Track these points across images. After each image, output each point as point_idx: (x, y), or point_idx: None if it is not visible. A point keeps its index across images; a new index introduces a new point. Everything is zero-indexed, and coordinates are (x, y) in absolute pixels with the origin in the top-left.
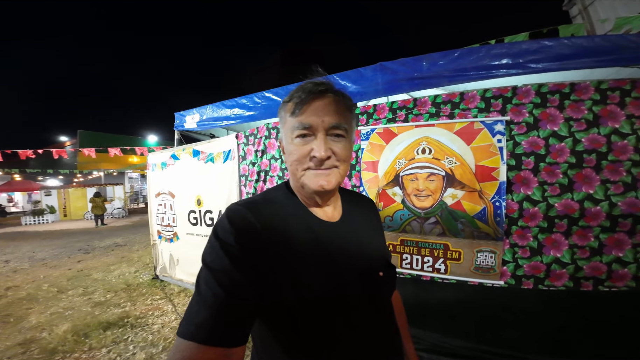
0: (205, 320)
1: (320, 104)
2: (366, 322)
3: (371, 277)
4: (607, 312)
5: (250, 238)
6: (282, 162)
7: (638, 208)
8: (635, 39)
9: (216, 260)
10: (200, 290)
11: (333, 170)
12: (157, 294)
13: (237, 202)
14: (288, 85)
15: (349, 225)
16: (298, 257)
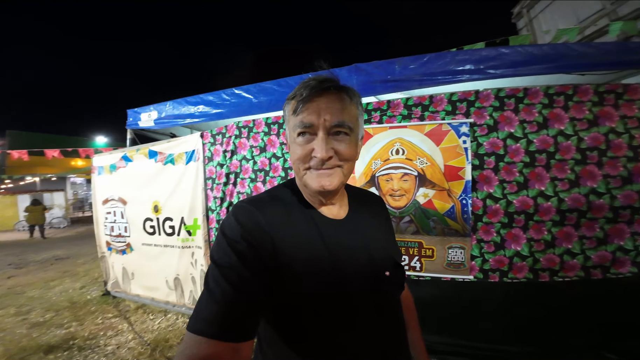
0: (214, 315)
1: (323, 102)
2: (370, 320)
3: (377, 276)
4: (562, 300)
5: (256, 235)
6: (254, 163)
7: (581, 203)
8: (577, 48)
9: (224, 257)
10: (209, 287)
11: (336, 170)
12: (110, 312)
13: (244, 200)
14: (261, 82)
15: (355, 224)
16: (303, 254)
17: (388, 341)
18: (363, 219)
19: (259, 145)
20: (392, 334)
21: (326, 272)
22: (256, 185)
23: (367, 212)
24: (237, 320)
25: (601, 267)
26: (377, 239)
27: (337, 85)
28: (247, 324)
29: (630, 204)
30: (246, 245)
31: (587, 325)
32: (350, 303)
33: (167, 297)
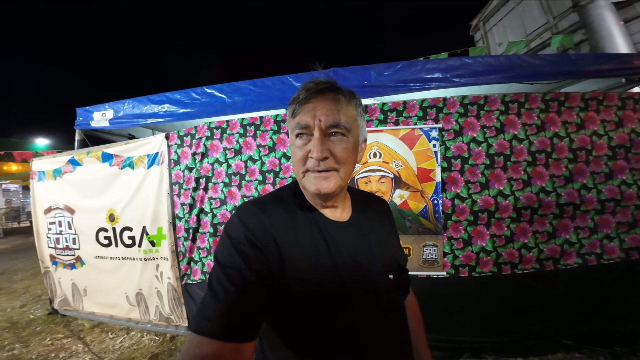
0: (217, 315)
1: (319, 103)
2: (373, 324)
3: (380, 278)
4: (522, 291)
5: (260, 236)
6: (228, 166)
7: (533, 201)
8: (527, 59)
9: (228, 258)
10: (212, 287)
11: (332, 174)
12: (60, 332)
13: (248, 201)
14: (235, 82)
15: (358, 226)
16: (306, 256)
17: (391, 346)
18: (367, 222)
19: (234, 147)
20: (395, 338)
21: (329, 274)
22: (231, 190)
23: (371, 214)
24: (241, 320)
25: (552, 259)
26: (381, 241)
27: (333, 86)
28: (250, 325)
29: (572, 201)
30: (250, 246)
31: (545, 314)
32: (353, 306)
33: (129, 313)
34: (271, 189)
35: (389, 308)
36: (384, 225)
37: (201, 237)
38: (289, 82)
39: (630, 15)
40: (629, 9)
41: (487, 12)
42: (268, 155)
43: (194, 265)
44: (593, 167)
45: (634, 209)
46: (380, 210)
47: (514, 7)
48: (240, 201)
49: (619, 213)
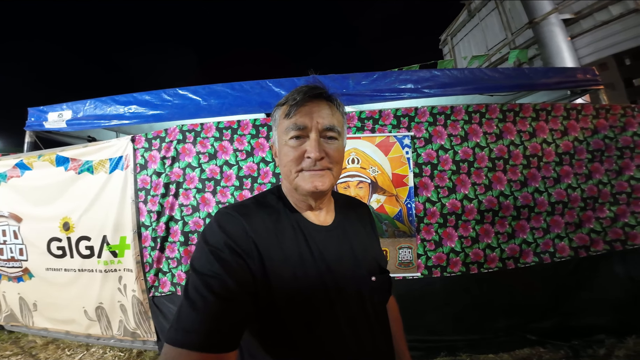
0: (195, 325)
1: (315, 106)
2: (356, 326)
3: (363, 281)
4: (488, 289)
5: (240, 242)
6: (201, 171)
7: (494, 204)
8: (488, 73)
9: (205, 265)
10: (189, 296)
11: (326, 172)
12: (8, 349)
13: (227, 206)
14: (212, 84)
15: (342, 230)
16: (289, 260)
17: (373, 347)
18: (349, 225)
19: (208, 151)
20: (377, 339)
21: (313, 280)
22: (204, 196)
23: (353, 217)
24: (221, 329)
25: (513, 258)
26: (363, 244)
27: (327, 93)
28: (231, 334)
29: (527, 204)
30: (230, 252)
31: (510, 311)
32: (337, 311)
33: (88, 329)
34: (249, 195)
35: (372, 310)
36: (365, 228)
37: (170, 247)
38: (268, 87)
39: (576, 32)
40: (576, 26)
41: (454, 27)
42: (245, 160)
43: (162, 277)
44: (544, 172)
45: (579, 210)
46: (362, 213)
47: (477, 23)
48: (215, 208)
49: (566, 214)
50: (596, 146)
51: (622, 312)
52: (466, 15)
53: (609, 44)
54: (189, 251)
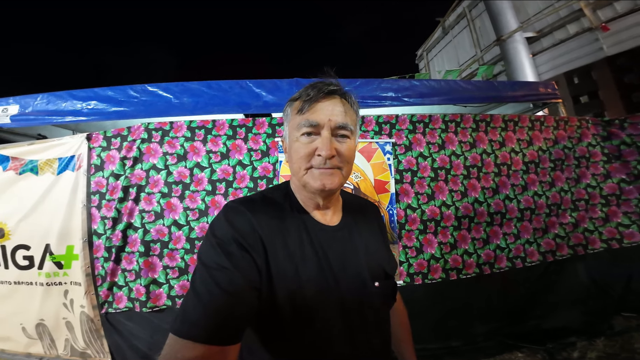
0: (200, 318)
1: (329, 104)
2: (352, 329)
3: (365, 286)
4: (467, 295)
5: (247, 236)
6: (168, 174)
7: (470, 210)
8: (462, 84)
9: (213, 258)
10: (195, 288)
11: (336, 171)
12: None
13: (235, 199)
14: (185, 82)
15: (348, 231)
16: (292, 258)
17: (369, 352)
18: (356, 227)
19: (177, 152)
20: (374, 345)
21: (315, 280)
22: (170, 201)
23: (361, 219)
24: (225, 323)
25: (489, 263)
26: (369, 248)
27: (341, 90)
28: (236, 327)
29: (500, 210)
30: (237, 247)
31: (488, 316)
32: (335, 311)
33: (28, 348)
34: (222, 201)
35: (371, 314)
36: (373, 231)
37: (128, 258)
38: (248, 87)
39: (537, 50)
40: (537, 44)
41: (429, 43)
42: (220, 163)
43: (117, 291)
44: (513, 180)
45: (544, 216)
46: (370, 216)
47: (450, 40)
48: (183, 214)
49: (534, 220)
50: (557, 155)
51: (588, 314)
52: (441, 32)
53: (565, 61)
54: (150, 263)
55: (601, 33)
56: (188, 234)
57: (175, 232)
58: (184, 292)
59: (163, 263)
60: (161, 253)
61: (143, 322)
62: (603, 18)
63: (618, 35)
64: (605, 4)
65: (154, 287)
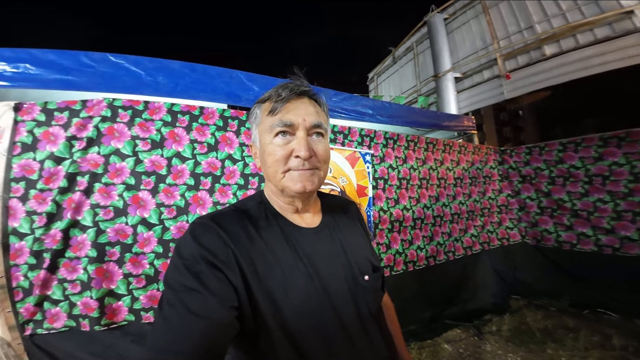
0: (169, 344)
1: (301, 103)
2: (354, 336)
3: (356, 282)
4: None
5: (218, 253)
6: (136, 162)
7: (421, 213)
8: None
9: (179, 279)
10: (163, 313)
11: (315, 172)
12: None
13: (203, 215)
14: (164, 59)
15: (330, 230)
16: (274, 268)
17: (374, 355)
18: (338, 225)
19: (152, 137)
20: (378, 346)
21: (301, 287)
22: (137, 195)
23: (342, 217)
24: (197, 348)
25: (433, 257)
26: (354, 243)
27: (312, 91)
28: (211, 352)
29: (439, 214)
30: (206, 265)
31: (434, 301)
32: (329, 317)
33: None
34: (207, 198)
35: (367, 312)
36: (355, 227)
37: (70, 265)
38: (239, 79)
39: (460, 88)
40: (460, 84)
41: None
42: (206, 155)
43: (51, 307)
44: (447, 191)
45: (465, 219)
46: (350, 211)
47: (397, 69)
48: (155, 211)
49: (459, 222)
50: (473, 174)
51: (494, 297)
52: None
53: (477, 100)
54: (104, 270)
55: (504, 80)
56: (161, 235)
57: (143, 232)
58: (153, 303)
59: (124, 270)
60: (121, 258)
61: (91, 342)
62: (508, 68)
63: (515, 83)
64: (512, 57)
65: (110, 299)
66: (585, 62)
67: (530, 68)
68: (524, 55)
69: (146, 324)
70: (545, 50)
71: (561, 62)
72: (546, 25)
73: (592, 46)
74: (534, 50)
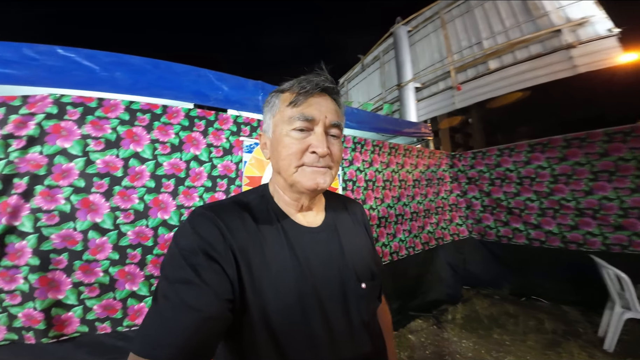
0: (164, 336)
1: (323, 100)
2: (340, 340)
3: (351, 288)
4: (386, 278)
5: (216, 245)
6: (87, 163)
7: (385, 213)
8: (382, 118)
9: (177, 271)
10: (158, 304)
11: (328, 171)
12: None
13: (203, 205)
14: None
15: (331, 231)
16: (270, 266)
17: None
18: (340, 226)
19: (106, 137)
20: (365, 351)
21: (296, 286)
22: (87, 199)
23: (345, 218)
24: (191, 341)
25: (396, 252)
26: (355, 247)
27: (336, 88)
28: (205, 345)
29: (400, 213)
30: (204, 257)
31: (397, 294)
32: (320, 319)
33: None
34: (169, 201)
35: (358, 319)
36: (358, 230)
37: (8, 274)
38: (207, 78)
39: (419, 98)
40: (420, 94)
41: (350, 75)
42: (169, 156)
43: None
44: (407, 192)
45: (422, 217)
46: (354, 214)
47: (365, 77)
48: (109, 215)
49: (418, 220)
50: (429, 176)
51: (448, 288)
52: (360, 68)
53: (433, 109)
54: (49, 280)
55: (456, 91)
56: (117, 241)
57: (95, 238)
58: (109, 313)
59: (73, 279)
60: (70, 266)
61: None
62: (460, 80)
63: (465, 94)
64: (463, 70)
65: (58, 310)
66: (521, 76)
67: (477, 80)
68: (472, 69)
69: (103, 335)
70: (490, 65)
71: (501, 76)
72: (492, 42)
73: (527, 62)
74: (481, 64)
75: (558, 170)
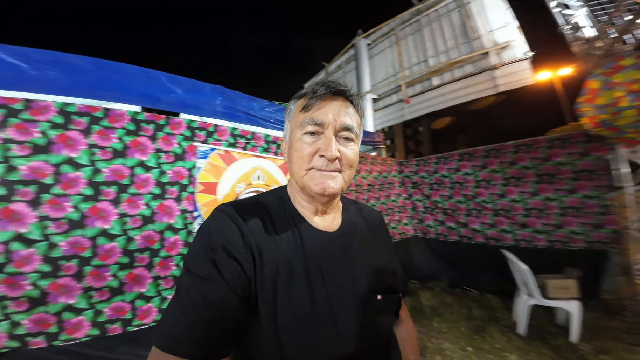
0: (184, 331)
1: (335, 103)
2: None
3: (364, 299)
4: None
5: (237, 244)
6: (9, 170)
7: None
8: None
9: (199, 266)
10: (180, 298)
11: (338, 175)
12: None
13: (226, 203)
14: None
15: (348, 238)
16: (285, 267)
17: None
18: (358, 234)
19: (34, 141)
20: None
21: (307, 288)
22: (7, 208)
23: (363, 226)
24: (210, 337)
25: None
26: (372, 257)
27: (350, 91)
28: (222, 341)
29: None
30: (225, 255)
31: None
32: (329, 330)
33: None
34: (109, 209)
35: (371, 333)
36: (376, 240)
37: None
38: (159, 80)
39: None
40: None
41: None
42: (109, 162)
43: None
44: (362, 196)
45: (386, 215)
46: (374, 222)
47: None
48: (36, 227)
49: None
50: (382, 181)
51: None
52: (324, 76)
53: (387, 120)
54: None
55: (405, 104)
56: (46, 252)
57: (20, 250)
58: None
59: None
60: None
61: None
62: (409, 94)
63: (413, 107)
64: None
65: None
66: (456, 93)
67: (423, 95)
68: (419, 84)
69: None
70: (433, 81)
71: (440, 92)
72: (436, 60)
73: (461, 80)
74: (426, 80)
75: (480, 177)
